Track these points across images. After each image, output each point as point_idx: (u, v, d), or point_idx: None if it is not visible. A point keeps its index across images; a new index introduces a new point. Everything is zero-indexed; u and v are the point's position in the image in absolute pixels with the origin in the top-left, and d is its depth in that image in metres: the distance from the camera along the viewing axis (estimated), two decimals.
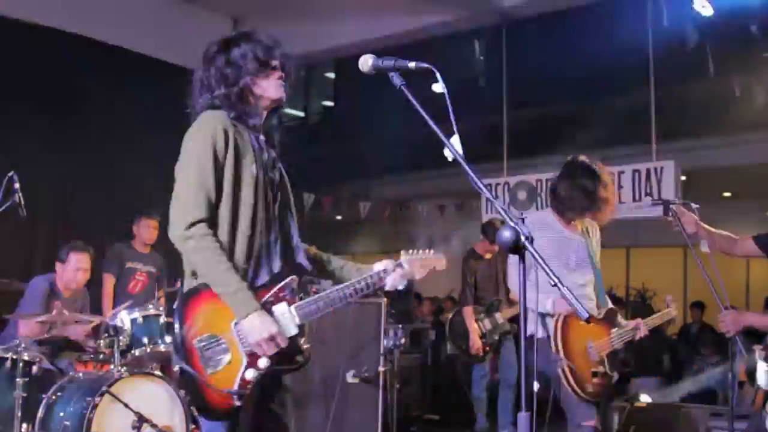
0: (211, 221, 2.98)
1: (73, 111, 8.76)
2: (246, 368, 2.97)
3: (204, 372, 2.94)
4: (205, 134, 3.01)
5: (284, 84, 3.21)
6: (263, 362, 2.98)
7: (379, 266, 3.28)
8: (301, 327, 3.07)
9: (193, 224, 2.93)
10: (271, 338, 2.94)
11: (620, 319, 4.91)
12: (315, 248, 3.50)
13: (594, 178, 4.72)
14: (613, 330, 4.78)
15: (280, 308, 3.05)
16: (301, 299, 3.09)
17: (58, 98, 8.69)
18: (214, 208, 2.99)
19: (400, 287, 3.31)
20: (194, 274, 3.05)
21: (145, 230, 7.48)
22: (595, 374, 4.57)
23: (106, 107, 8.91)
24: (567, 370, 4.46)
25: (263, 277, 3.10)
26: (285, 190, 3.32)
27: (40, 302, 6.37)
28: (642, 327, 4.93)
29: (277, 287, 3.07)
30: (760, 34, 8.74)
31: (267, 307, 3.01)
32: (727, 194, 14.38)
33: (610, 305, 4.92)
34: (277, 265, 3.14)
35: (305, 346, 3.10)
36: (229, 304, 2.94)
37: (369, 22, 10.06)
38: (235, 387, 2.94)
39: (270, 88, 3.17)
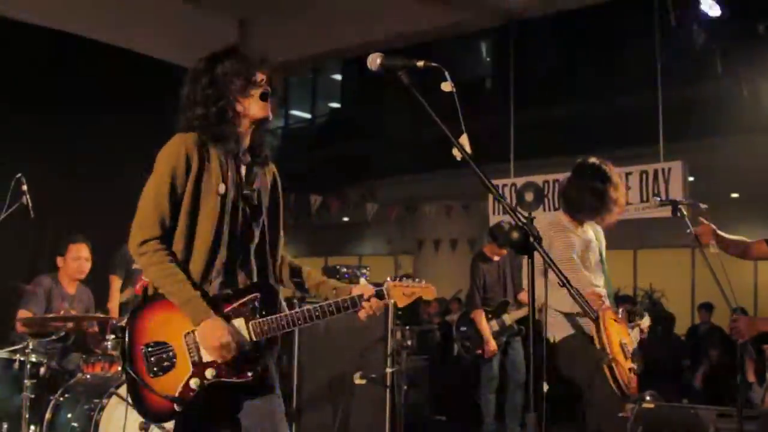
0: (166, 238, 3.08)
1: (79, 112, 8.77)
2: (191, 377, 3.04)
3: (146, 376, 3.03)
4: (168, 157, 3.11)
5: (270, 101, 3.21)
6: (210, 373, 3.04)
7: (357, 291, 3.24)
8: (256, 343, 3.11)
9: (145, 242, 3.05)
10: (224, 345, 2.99)
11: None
12: (294, 263, 3.51)
13: (604, 179, 4.71)
14: (629, 330, 4.80)
15: (237, 322, 3.10)
16: (262, 316, 3.12)
17: (64, 99, 8.69)
18: (169, 226, 3.08)
19: (378, 313, 3.25)
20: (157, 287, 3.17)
21: None
22: (629, 370, 4.56)
23: (112, 108, 8.90)
24: (614, 367, 4.40)
25: (225, 291, 3.16)
26: (272, 206, 3.37)
27: (41, 298, 6.38)
28: (643, 327, 4.97)
29: (238, 302, 3.12)
30: (766, 33, 8.70)
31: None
32: (734, 195, 14.36)
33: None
34: (241, 281, 3.20)
35: (259, 363, 3.13)
36: (184, 312, 3.03)
37: (375, 23, 10.05)
38: (176, 393, 3.02)
39: (252, 107, 3.17)
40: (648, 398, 6.64)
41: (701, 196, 6.29)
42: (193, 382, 3.03)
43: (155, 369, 3.03)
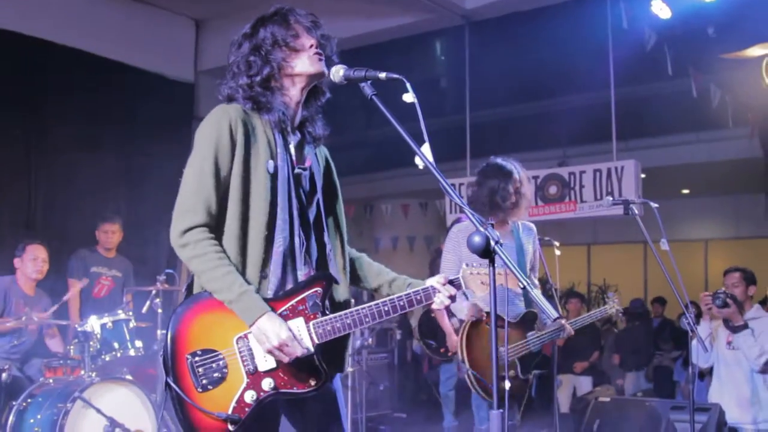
0: (212, 225, 2.70)
1: (34, 115, 8.66)
2: (245, 389, 2.63)
3: (193, 390, 2.60)
4: (209, 131, 2.74)
5: (321, 57, 2.89)
6: (267, 384, 2.64)
7: (430, 281, 2.87)
8: (319, 346, 2.70)
9: (188, 230, 2.66)
10: (284, 343, 2.61)
11: (544, 320, 4.95)
12: (366, 257, 3.16)
13: (502, 177, 4.86)
14: (530, 333, 4.85)
15: (295, 323, 2.69)
16: (323, 314, 2.73)
17: (18, 102, 8.57)
18: (215, 212, 2.71)
19: (453, 304, 3.06)
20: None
21: (104, 235, 7.44)
22: (502, 378, 4.71)
23: (67, 112, 8.78)
24: (471, 376, 4.63)
25: (285, 286, 2.77)
26: (329, 189, 3.03)
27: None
28: (567, 327, 4.94)
29: (296, 299, 2.72)
30: (716, 35, 8.92)
31: None
32: (685, 191, 14.65)
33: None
34: (301, 273, 2.81)
35: (322, 370, 2.72)
36: (235, 310, 2.62)
37: (328, 24, 10.06)
38: (230, 410, 2.59)
39: (303, 64, 2.86)
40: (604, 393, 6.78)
41: (652, 192, 6.48)
42: (249, 396, 2.61)
43: (204, 382, 2.60)
